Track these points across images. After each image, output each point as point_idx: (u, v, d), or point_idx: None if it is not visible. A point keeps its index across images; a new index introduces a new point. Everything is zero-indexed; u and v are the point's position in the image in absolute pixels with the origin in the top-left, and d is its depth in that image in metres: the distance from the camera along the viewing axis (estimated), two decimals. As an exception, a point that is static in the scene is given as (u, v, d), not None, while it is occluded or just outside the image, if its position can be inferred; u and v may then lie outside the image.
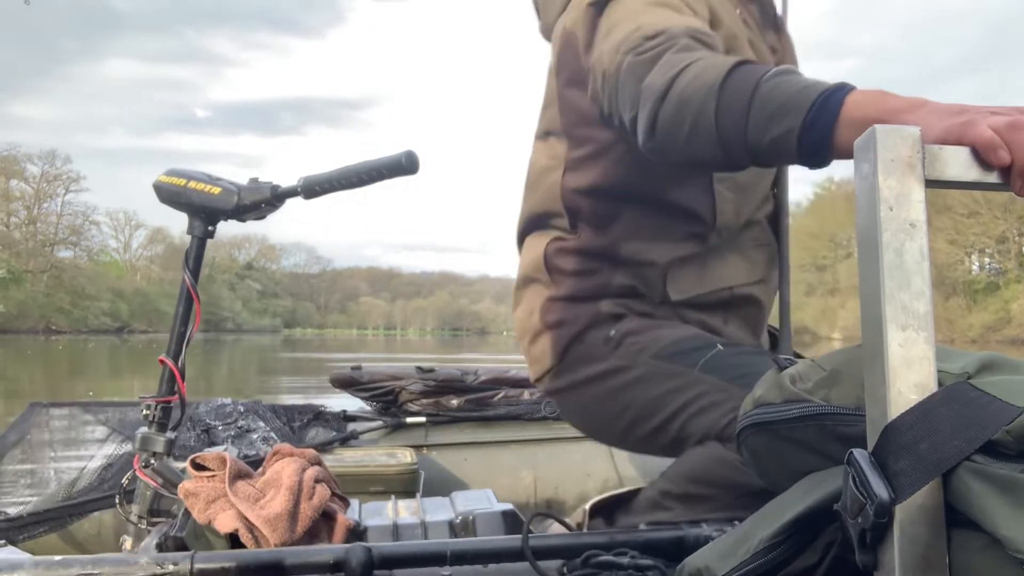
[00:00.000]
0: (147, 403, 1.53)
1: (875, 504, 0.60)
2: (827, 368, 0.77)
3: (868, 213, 0.65)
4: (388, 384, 2.47)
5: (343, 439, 2.25)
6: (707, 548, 0.79)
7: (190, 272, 1.59)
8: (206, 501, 1.27)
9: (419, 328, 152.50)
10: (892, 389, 0.63)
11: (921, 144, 0.65)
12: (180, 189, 1.57)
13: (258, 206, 1.55)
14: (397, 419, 2.38)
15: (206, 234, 1.60)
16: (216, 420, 2.15)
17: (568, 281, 1.39)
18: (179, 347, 1.57)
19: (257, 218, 1.59)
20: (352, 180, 1.53)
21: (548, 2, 1.43)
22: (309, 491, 1.29)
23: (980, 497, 0.58)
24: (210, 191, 1.55)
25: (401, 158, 1.49)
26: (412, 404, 2.41)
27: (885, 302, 0.63)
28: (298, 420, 2.33)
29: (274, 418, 2.27)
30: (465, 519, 1.35)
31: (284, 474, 1.30)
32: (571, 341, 1.37)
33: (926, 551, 0.61)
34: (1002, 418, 0.60)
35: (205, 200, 1.55)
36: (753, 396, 0.81)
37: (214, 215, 1.58)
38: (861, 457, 0.63)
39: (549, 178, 1.41)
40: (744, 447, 0.82)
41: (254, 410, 2.25)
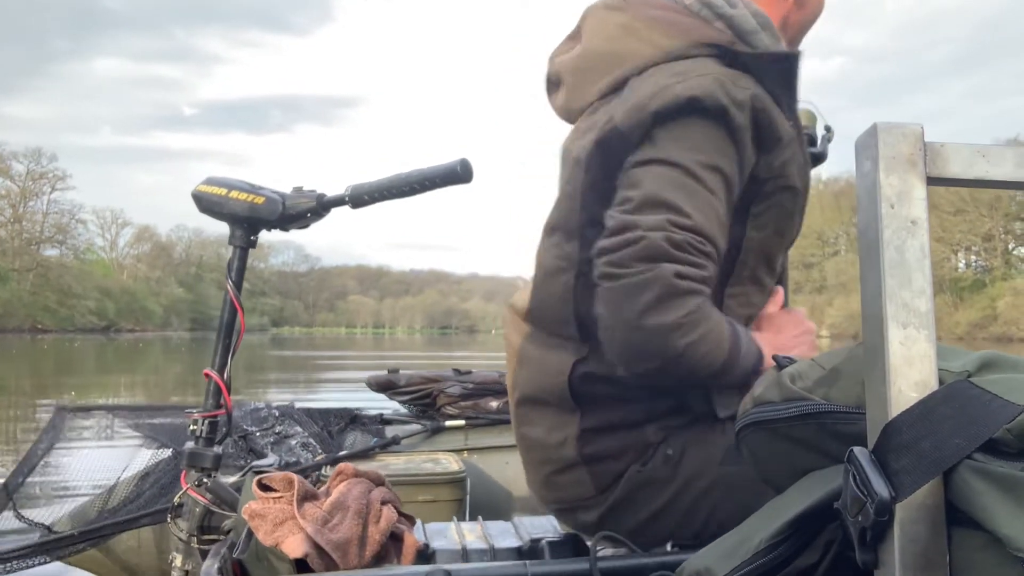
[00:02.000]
0: (194, 418, 1.49)
1: (876, 502, 0.60)
2: (827, 366, 0.77)
3: (869, 210, 0.65)
4: (425, 387, 2.46)
5: (385, 445, 2.21)
6: (708, 548, 0.79)
7: (233, 283, 1.55)
8: (273, 523, 1.23)
9: (408, 326, 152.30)
10: (893, 387, 0.63)
11: (923, 141, 0.64)
12: (221, 199, 1.52)
13: (303, 215, 1.51)
14: (436, 422, 2.37)
15: (248, 244, 1.55)
16: (253, 426, 2.11)
17: (603, 410, 1.27)
18: (224, 359, 1.52)
19: (301, 227, 1.54)
20: (403, 189, 1.48)
21: (585, 80, 1.34)
22: (376, 514, 1.27)
23: (981, 495, 0.58)
24: (253, 201, 1.50)
25: (456, 166, 1.44)
26: (450, 407, 2.40)
27: (886, 300, 0.63)
28: (335, 424, 2.31)
29: (310, 422, 2.24)
30: (534, 545, 1.33)
31: (350, 497, 1.28)
32: (621, 473, 1.27)
33: (927, 549, 0.61)
34: (1003, 416, 0.60)
35: (248, 210, 1.50)
36: (753, 394, 0.81)
37: (257, 225, 1.53)
38: (861, 455, 0.63)
39: (557, 281, 1.29)
40: (744, 446, 0.81)
41: (289, 414, 2.22)
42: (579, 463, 1.29)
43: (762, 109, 1.18)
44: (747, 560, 0.71)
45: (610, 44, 1.30)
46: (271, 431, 2.11)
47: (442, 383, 2.46)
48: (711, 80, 1.15)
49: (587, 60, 1.33)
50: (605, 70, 1.29)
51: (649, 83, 1.20)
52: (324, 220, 1.54)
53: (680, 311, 1.08)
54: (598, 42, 1.32)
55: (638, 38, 1.27)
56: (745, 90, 1.17)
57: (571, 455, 1.29)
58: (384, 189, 1.48)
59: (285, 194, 1.51)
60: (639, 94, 1.19)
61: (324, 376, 16.69)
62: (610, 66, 1.28)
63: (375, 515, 1.26)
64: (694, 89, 1.14)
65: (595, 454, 1.28)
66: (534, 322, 1.34)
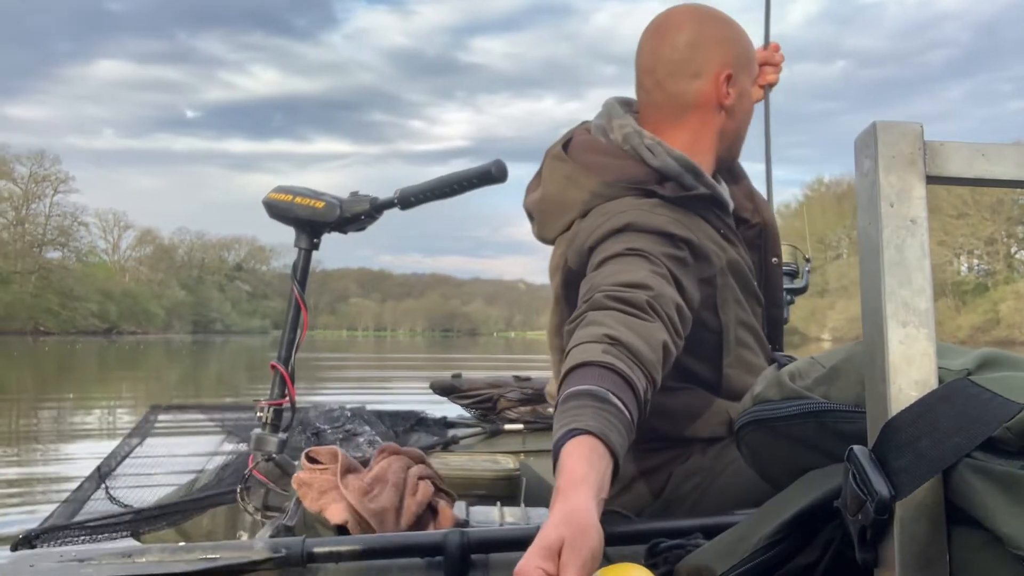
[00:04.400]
0: (260, 406, 1.62)
1: (875, 501, 0.60)
2: (827, 365, 0.77)
3: (869, 209, 0.65)
4: (486, 392, 2.59)
5: (445, 444, 2.34)
6: (707, 547, 0.79)
7: (297, 283, 1.66)
8: (319, 491, 1.35)
9: (409, 329, 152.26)
10: (893, 386, 0.63)
11: (922, 140, 0.64)
12: (287, 204, 1.63)
13: (358, 218, 1.62)
14: (495, 426, 2.48)
15: (311, 246, 1.66)
16: (325, 424, 2.24)
17: (647, 440, 1.44)
18: (289, 353, 1.64)
19: (357, 229, 1.65)
20: (445, 190, 1.61)
21: (547, 221, 1.54)
22: (413, 487, 1.38)
23: (980, 494, 0.58)
24: (314, 205, 1.62)
25: (491, 167, 1.58)
26: (510, 411, 2.51)
27: (886, 298, 0.63)
28: (401, 425, 2.44)
29: (379, 422, 2.36)
30: None
31: (390, 471, 1.39)
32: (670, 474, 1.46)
33: (926, 548, 0.61)
34: (1002, 415, 0.60)
35: (310, 214, 1.62)
36: (752, 393, 0.81)
37: (318, 228, 1.64)
38: (861, 454, 0.63)
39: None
40: (744, 444, 0.81)
41: (360, 415, 2.34)
42: (637, 477, 1.48)
43: (695, 235, 1.37)
44: (746, 558, 0.71)
45: (559, 194, 1.51)
46: (341, 428, 2.23)
47: (502, 388, 2.58)
48: (637, 211, 1.36)
49: (545, 205, 1.54)
50: (559, 214, 1.51)
51: (585, 227, 1.40)
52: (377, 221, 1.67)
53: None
54: (551, 190, 1.53)
55: (577, 187, 1.48)
56: (660, 216, 1.35)
57: (632, 471, 1.48)
58: (428, 191, 1.61)
59: (342, 199, 1.63)
60: (580, 238, 1.40)
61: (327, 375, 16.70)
62: (561, 212, 1.50)
63: (412, 488, 1.38)
64: (624, 218, 1.34)
65: (652, 467, 1.47)
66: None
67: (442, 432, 2.46)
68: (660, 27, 1.56)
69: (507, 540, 1.13)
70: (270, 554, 1.09)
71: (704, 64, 1.52)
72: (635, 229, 1.32)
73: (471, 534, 1.11)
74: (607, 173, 1.47)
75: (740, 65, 1.55)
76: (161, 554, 1.10)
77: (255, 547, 1.11)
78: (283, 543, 1.11)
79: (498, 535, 1.15)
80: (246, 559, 1.09)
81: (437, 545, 1.09)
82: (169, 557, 1.09)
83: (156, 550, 1.11)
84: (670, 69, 1.52)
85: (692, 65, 1.51)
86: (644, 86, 1.56)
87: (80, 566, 1.08)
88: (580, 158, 1.51)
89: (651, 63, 1.54)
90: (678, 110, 1.52)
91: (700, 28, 1.53)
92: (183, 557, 1.09)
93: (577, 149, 1.54)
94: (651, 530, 1.11)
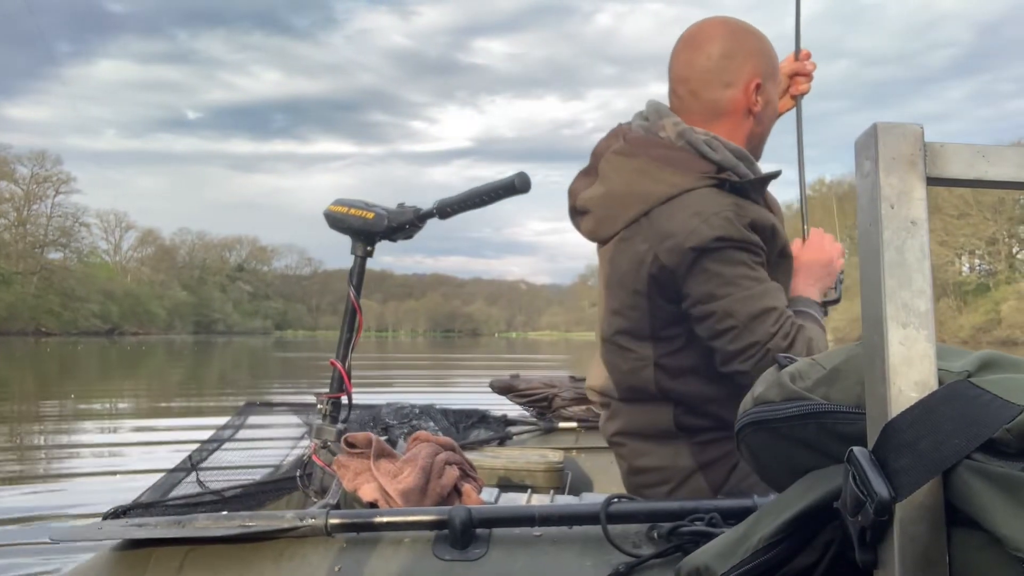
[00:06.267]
0: (321, 399, 1.79)
1: (875, 502, 0.60)
2: (827, 366, 0.77)
3: (869, 211, 0.65)
4: (542, 391, 2.72)
5: (501, 439, 2.53)
6: (707, 547, 0.79)
7: (353, 287, 1.81)
8: (354, 473, 1.51)
9: (411, 329, 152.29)
10: (892, 387, 0.63)
11: (923, 141, 0.64)
12: (344, 216, 1.79)
13: (403, 227, 1.78)
14: (550, 423, 2.65)
15: (366, 253, 1.82)
16: (395, 419, 2.40)
17: (707, 430, 1.66)
18: (346, 351, 1.79)
19: (404, 237, 1.81)
20: (476, 201, 1.76)
21: (612, 214, 1.69)
22: (439, 471, 1.51)
23: (980, 495, 0.58)
24: (365, 216, 1.77)
25: (513, 180, 1.72)
26: (565, 410, 2.66)
27: (886, 300, 0.63)
28: (464, 422, 2.59)
29: (443, 419, 2.52)
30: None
31: (420, 456, 1.52)
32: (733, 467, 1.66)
33: (926, 549, 0.61)
34: (1002, 416, 0.60)
35: (363, 224, 1.78)
36: (753, 394, 0.81)
37: (371, 237, 1.80)
38: (861, 455, 0.63)
39: (639, 376, 1.69)
40: (744, 445, 0.81)
41: (427, 412, 2.51)
42: (696, 470, 1.65)
43: (756, 220, 1.59)
44: (746, 559, 0.71)
45: (630, 186, 1.65)
46: (408, 424, 2.37)
47: (558, 388, 2.71)
48: (723, 219, 1.54)
49: (612, 199, 1.68)
50: (629, 206, 1.65)
51: (676, 220, 1.57)
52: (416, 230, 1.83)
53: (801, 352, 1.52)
54: (619, 184, 1.67)
55: (652, 179, 1.63)
56: (744, 217, 1.57)
57: (690, 464, 1.65)
58: (461, 202, 1.77)
59: (390, 210, 1.78)
60: (674, 233, 1.57)
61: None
62: (634, 203, 1.64)
63: (438, 471, 1.51)
64: (717, 229, 1.54)
65: (711, 460, 1.65)
66: (624, 399, 1.74)
67: (500, 428, 2.61)
68: (694, 39, 1.71)
69: (508, 517, 1.24)
70: (297, 523, 1.23)
71: (736, 74, 1.67)
72: (732, 245, 1.56)
73: (475, 510, 1.22)
74: (679, 165, 1.62)
75: (768, 75, 1.70)
76: (207, 521, 1.26)
77: (286, 517, 1.25)
78: (309, 514, 1.25)
79: (499, 512, 1.25)
80: (277, 527, 1.24)
81: (443, 520, 1.21)
82: (214, 524, 1.25)
83: (203, 518, 1.28)
84: (705, 78, 1.67)
85: (725, 75, 1.67)
86: (678, 93, 1.71)
87: (138, 528, 1.27)
88: (649, 152, 1.65)
89: (686, 72, 1.69)
90: (711, 116, 1.68)
91: (732, 40, 1.68)
92: (225, 524, 1.25)
93: (642, 145, 1.68)
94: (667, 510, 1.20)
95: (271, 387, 14.41)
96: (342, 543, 1.23)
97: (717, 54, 1.67)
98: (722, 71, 1.67)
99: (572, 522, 1.22)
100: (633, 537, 1.19)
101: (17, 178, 77.51)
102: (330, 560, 1.20)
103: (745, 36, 1.70)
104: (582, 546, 1.20)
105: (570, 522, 1.22)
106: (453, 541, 1.20)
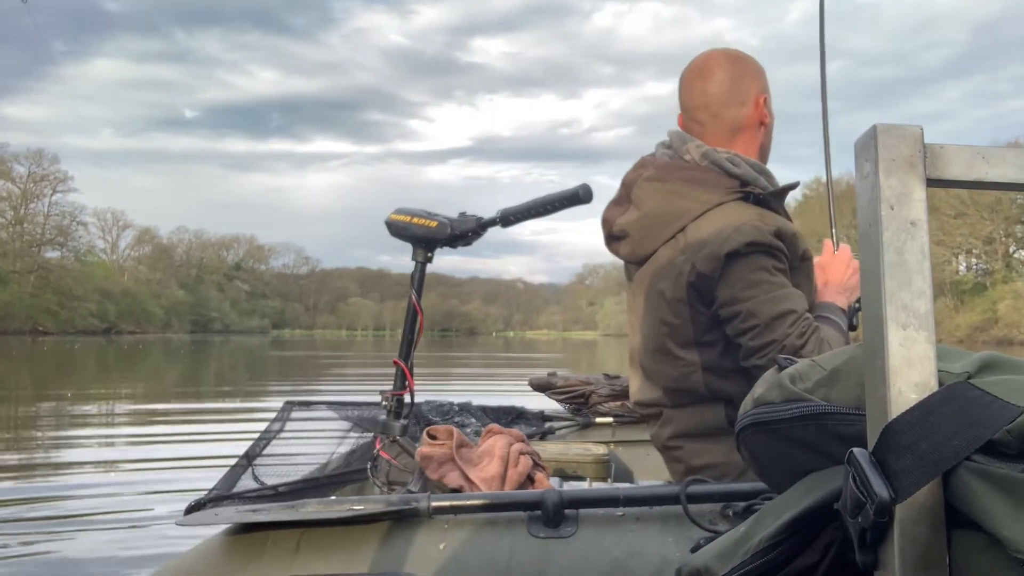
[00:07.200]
0: (385, 396, 1.89)
1: (875, 503, 0.60)
2: (827, 367, 0.76)
3: (869, 212, 0.65)
4: (579, 388, 2.80)
5: (542, 434, 2.61)
6: (707, 548, 0.79)
7: (415, 291, 1.90)
8: (438, 463, 1.62)
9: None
10: (892, 388, 0.63)
11: (922, 143, 0.64)
12: (406, 224, 1.87)
13: (466, 235, 1.86)
14: (587, 419, 2.74)
15: (426, 260, 1.91)
16: (436, 416, 2.49)
17: None
18: (408, 351, 1.89)
19: (464, 244, 1.90)
20: (539, 210, 1.85)
21: (650, 234, 1.85)
22: (515, 460, 1.63)
23: (980, 497, 0.58)
24: (429, 225, 1.86)
25: (577, 190, 1.82)
26: (601, 406, 2.75)
27: (886, 301, 0.63)
28: (503, 418, 2.65)
29: (483, 415, 2.60)
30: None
31: (496, 446, 1.64)
32: None
33: (926, 551, 0.61)
34: (1003, 418, 0.60)
35: (425, 232, 1.86)
36: (753, 395, 0.80)
37: (432, 244, 1.89)
38: (861, 456, 0.63)
39: (689, 379, 1.81)
40: (744, 447, 0.81)
41: (467, 409, 2.60)
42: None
43: (780, 228, 1.74)
44: (747, 560, 0.71)
45: (665, 206, 1.82)
46: (451, 421, 2.45)
47: (594, 385, 2.80)
48: (752, 227, 1.71)
49: (649, 220, 1.85)
50: (666, 224, 1.82)
51: (710, 231, 1.74)
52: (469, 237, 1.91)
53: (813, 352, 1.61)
54: (655, 206, 1.84)
55: (685, 198, 1.80)
56: (771, 225, 1.73)
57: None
58: (524, 211, 1.85)
59: (452, 219, 1.87)
60: (709, 242, 1.73)
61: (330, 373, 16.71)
62: (670, 221, 1.81)
63: (515, 460, 1.63)
64: (748, 236, 1.70)
65: None
66: (676, 404, 1.86)
67: (539, 424, 2.69)
68: (702, 70, 1.92)
69: (596, 498, 1.37)
70: (403, 506, 1.34)
71: (747, 93, 1.89)
72: (761, 250, 1.71)
73: (565, 492, 1.35)
74: (707, 183, 1.80)
75: (767, 89, 1.92)
76: (318, 505, 1.38)
77: (391, 500, 1.36)
78: (412, 498, 1.37)
79: (588, 494, 1.39)
80: (384, 510, 1.34)
81: (537, 501, 1.34)
82: (325, 508, 1.36)
83: (314, 503, 1.39)
84: (722, 100, 1.88)
85: (738, 95, 1.88)
86: (698, 119, 1.90)
87: (253, 513, 1.37)
88: (679, 175, 1.84)
89: (703, 100, 1.89)
90: (731, 133, 1.89)
91: (736, 65, 1.90)
92: (336, 507, 1.35)
93: (671, 169, 1.86)
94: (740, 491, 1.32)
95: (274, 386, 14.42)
96: (443, 524, 1.34)
97: (727, 78, 1.88)
98: (735, 92, 1.88)
99: (653, 503, 1.35)
100: (709, 515, 1.29)
101: (14, 177, 77.40)
102: (435, 539, 1.32)
103: (744, 60, 1.91)
104: (662, 524, 1.32)
105: (651, 503, 1.35)
106: (546, 520, 1.32)
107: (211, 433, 7.53)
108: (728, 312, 1.73)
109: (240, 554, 1.34)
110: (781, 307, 1.70)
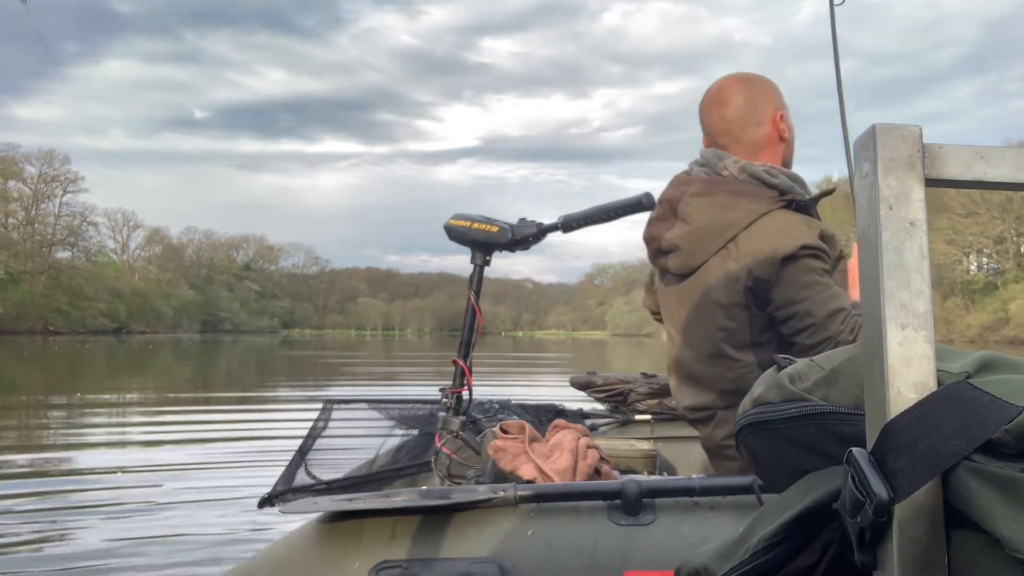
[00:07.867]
0: (446, 393, 1.95)
1: (874, 503, 0.60)
2: (826, 367, 0.76)
3: (868, 212, 0.65)
4: (618, 387, 2.88)
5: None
6: (706, 548, 0.79)
7: (474, 292, 1.97)
8: (511, 455, 1.70)
9: (417, 328, 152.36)
10: (891, 388, 0.63)
11: (921, 143, 0.64)
12: (466, 229, 1.94)
13: (526, 240, 1.92)
14: (626, 416, 2.82)
15: (485, 263, 1.97)
16: (480, 414, 2.54)
17: None
18: (467, 350, 1.95)
19: (523, 249, 1.96)
20: (601, 217, 1.89)
21: (700, 245, 1.92)
22: (584, 452, 1.72)
23: (979, 496, 0.58)
24: (490, 230, 1.92)
25: (642, 198, 1.88)
26: (639, 404, 2.83)
27: (884, 301, 0.63)
28: (544, 416, 2.73)
29: (524, 413, 2.67)
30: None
31: (565, 440, 1.73)
32: None
33: (925, 550, 0.61)
34: (1002, 417, 0.60)
35: (486, 237, 1.93)
36: (752, 395, 0.80)
37: (491, 248, 1.95)
38: (860, 456, 0.63)
39: (745, 382, 1.84)
40: (743, 447, 0.81)
41: (508, 407, 2.66)
42: None
43: (822, 231, 1.85)
44: (745, 560, 0.71)
45: (715, 219, 1.90)
46: (494, 418, 2.51)
47: (633, 383, 2.88)
48: (802, 232, 1.82)
49: (700, 232, 1.92)
50: (716, 236, 1.89)
51: (764, 236, 1.84)
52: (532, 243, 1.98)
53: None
54: (704, 220, 1.91)
55: (733, 210, 1.88)
56: (815, 229, 1.85)
57: None
58: (586, 218, 1.90)
59: (513, 224, 1.93)
60: (764, 249, 1.82)
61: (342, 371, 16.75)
62: (720, 232, 1.89)
63: (583, 453, 1.71)
64: (799, 239, 1.81)
65: None
66: (730, 405, 1.90)
67: (579, 421, 2.72)
68: (718, 97, 2.02)
69: (671, 488, 1.44)
70: (491, 495, 1.41)
71: (763, 113, 1.99)
72: (811, 253, 1.82)
73: (643, 482, 1.43)
74: (751, 195, 1.90)
75: (783, 105, 2.01)
76: (409, 495, 1.44)
77: (479, 490, 1.44)
78: (500, 487, 1.44)
79: (666, 484, 1.46)
80: (473, 498, 1.41)
81: (617, 490, 1.42)
82: (416, 497, 1.43)
83: (405, 492, 1.46)
84: (740, 124, 1.98)
85: (755, 117, 1.99)
86: (721, 144, 2.00)
87: (349, 502, 1.43)
88: (724, 188, 1.93)
89: (722, 125, 2.00)
90: (753, 153, 1.99)
91: (750, 88, 2.00)
92: (428, 497, 1.42)
93: (716, 184, 1.95)
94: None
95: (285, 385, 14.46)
96: (528, 512, 1.41)
97: (743, 102, 1.98)
98: (752, 115, 1.98)
99: (727, 492, 1.42)
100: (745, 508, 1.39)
101: (25, 177, 77.83)
102: (522, 526, 1.39)
103: (757, 81, 2.01)
104: (736, 512, 1.40)
105: (725, 492, 1.42)
106: (627, 509, 1.39)
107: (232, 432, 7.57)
108: (785, 313, 1.83)
109: (339, 540, 1.40)
110: (833, 305, 1.79)
